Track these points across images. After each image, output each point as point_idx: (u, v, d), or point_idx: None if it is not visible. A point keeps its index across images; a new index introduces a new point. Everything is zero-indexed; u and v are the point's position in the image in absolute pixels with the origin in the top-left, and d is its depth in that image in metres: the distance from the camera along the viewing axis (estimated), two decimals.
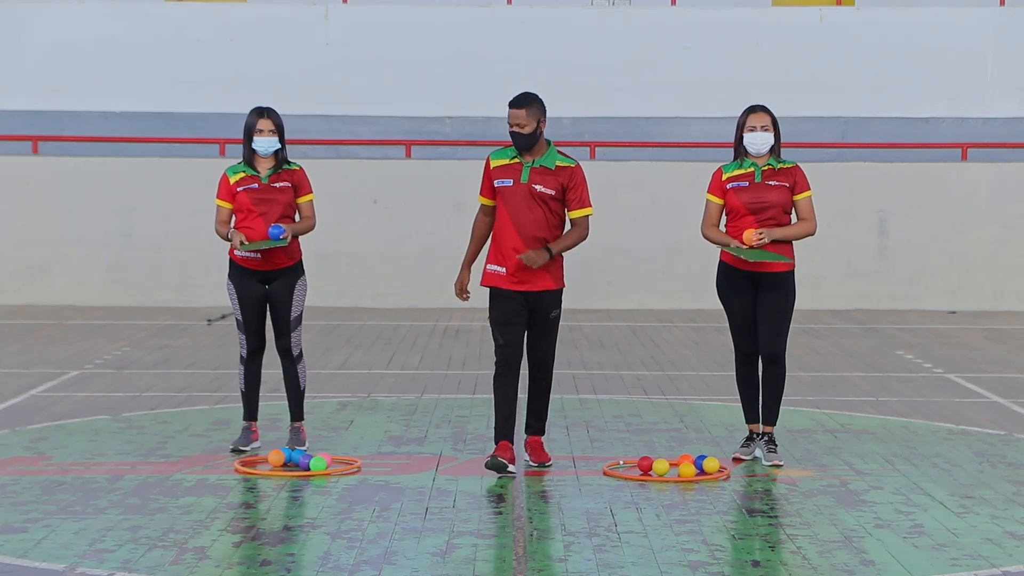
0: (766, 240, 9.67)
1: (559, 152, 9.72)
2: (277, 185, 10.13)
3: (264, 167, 10.16)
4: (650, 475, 9.48)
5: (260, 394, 10.46)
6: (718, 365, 14.92)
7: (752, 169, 9.87)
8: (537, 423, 9.90)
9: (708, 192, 9.98)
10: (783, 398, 10.05)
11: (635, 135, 22.67)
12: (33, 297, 20.43)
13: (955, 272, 20.66)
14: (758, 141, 9.85)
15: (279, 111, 10.21)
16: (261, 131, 10.12)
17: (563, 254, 9.68)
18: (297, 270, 10.24)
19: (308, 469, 9.53)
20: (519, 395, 9.70)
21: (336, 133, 22.53)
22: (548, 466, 9.84)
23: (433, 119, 23.04)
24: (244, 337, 10.22)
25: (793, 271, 9.91)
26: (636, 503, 8.79)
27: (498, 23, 23.60)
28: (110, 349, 15.86)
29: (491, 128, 22.31)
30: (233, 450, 10.20)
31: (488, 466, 9.54)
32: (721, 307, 10.16)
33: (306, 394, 11.07)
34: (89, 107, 22.78)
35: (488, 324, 10.01)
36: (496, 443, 9.63)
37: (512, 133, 9.61)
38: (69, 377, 13.85)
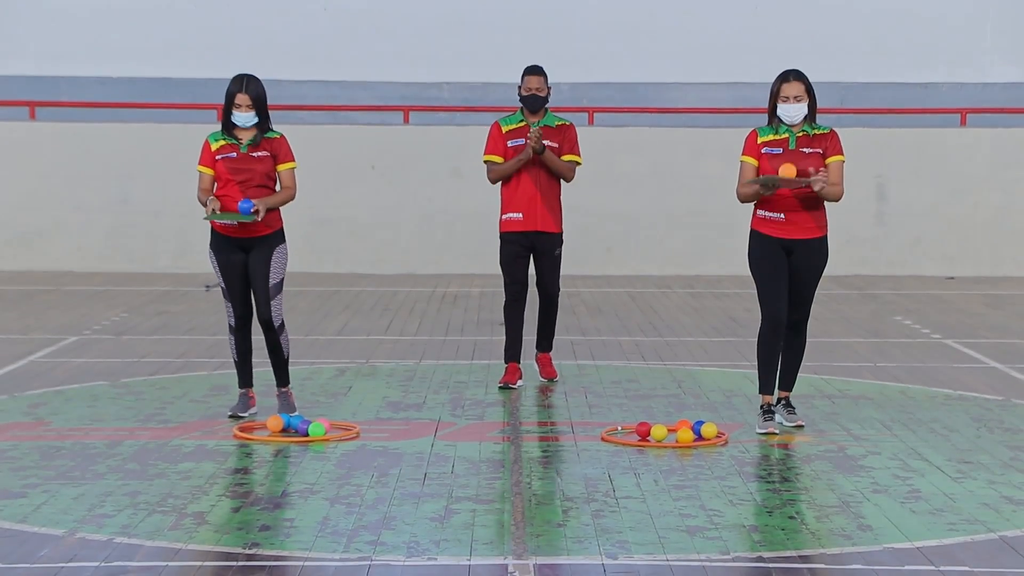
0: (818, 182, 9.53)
1: (555, 115, 11.63)
2: (255, 155, 10.00)
3: (245, 135, 10.05)
4: (648, 441, 9.49)
5: (256, 361, 10.45)
6: (716, 331, 14.94)
7: (787, 135, 9.72)
8: (546, 342, 11.80)
9: (743, 154, 9.77)
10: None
11: (633, 101, 22.64)
12: (32, 263, 20.42)
13: (953, 238, 20.66)
14: (791, 112, 9.67)
15: (278, 76, 10.27)
16: (239, 106, 9.98)
17: (563, 211, 11.58)
18: (275, 238, 10.12)
19: (307, 435, 9.55)
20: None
21: (334, 98, 22.49)
22: (554, 381, 11.66)
23: (431, 85, 23.00)
24: (230, 305, 10.15)
25: (826, 236, 9.89)
26: (634, 469, 8.81)
27: None
28: (109, 315, 15.87)
29: (489, 94, 22.28)
30: (231, 416, 10.21)
31: (499, 388, 11.45)
32: (717, 273, 10.20)
33: (305, 360, 11.08)
34: (87, 73, 22.74)
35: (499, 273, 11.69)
36: (506, 363, 11.55)
37: (530, 96, 11.44)
38: (68, 343, 13.86)
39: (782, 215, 9.68)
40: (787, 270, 9.75)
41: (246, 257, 10.08)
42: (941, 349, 13.84)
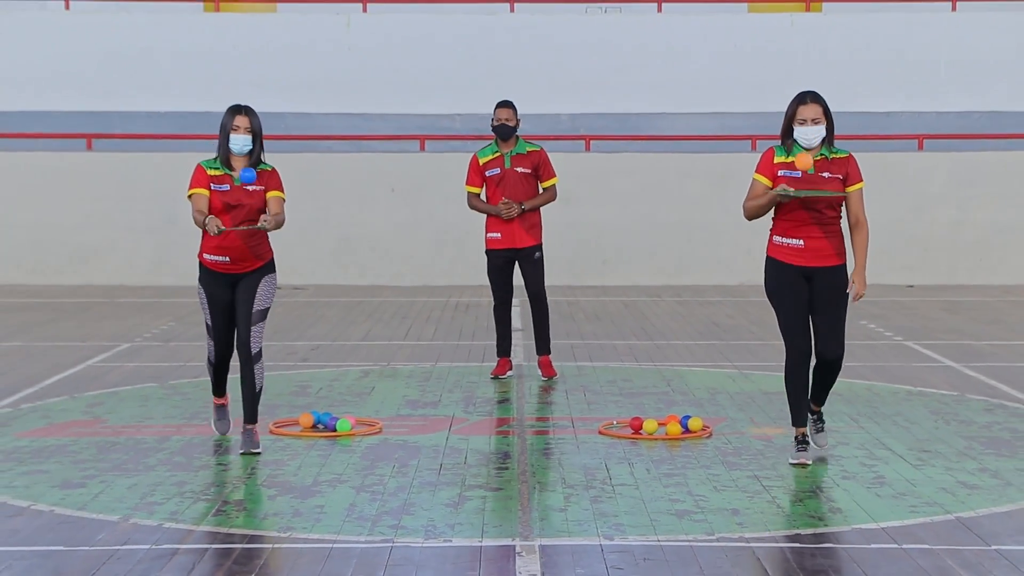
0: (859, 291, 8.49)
1: (526, 142, 11.76)
2: (249, 188, 8.91)
3: (239, 167, 8.99)
4: (641, 434, 9.49)
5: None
6: (701, 335, 14.93)
7: None
8: (544, 345, 11.79)
9: (757, 171, 8.46)
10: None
11: (626, 129, 22.65)
12: (88, 278, 20.45)
13: (913, 250, 20.64)
14: (809, 135, 8.39)
15: (306, 109, 10.19)
16: (237, 128, 8.99)
17: (543, 223, 11.77)
18: (266, 269, 9.00)
19: (335, 430, 9.55)
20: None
21: (357, 129, 22.51)
22: (555, 379, 11.65)
23: (444, 116, 23.01)
24: (212, 343, 9.09)
25: (845, 264, 8.58)
26: (628, 459, 8.81)
27: (502, 29, 23.56)
28: (157, 324, 15.88)
29: None
30: (222, 434, 9.35)
31: (491, 379, 11.78)
32: (702, 283, 10.05)
33: (332, 363, 11.03)
34: (137, 108, 22.78)
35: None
36: (498, 357, 11.86)
37: (501, 126, 11.59)
38: (121, 349, 13.87)
39: (800, 242, 8.45)
40: (807, 298, 8.49)
41: (233, 294, 8.98)
42: (902, 350, 13.83)
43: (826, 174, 8.45)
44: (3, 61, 23.10)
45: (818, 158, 8.45)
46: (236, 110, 9.07)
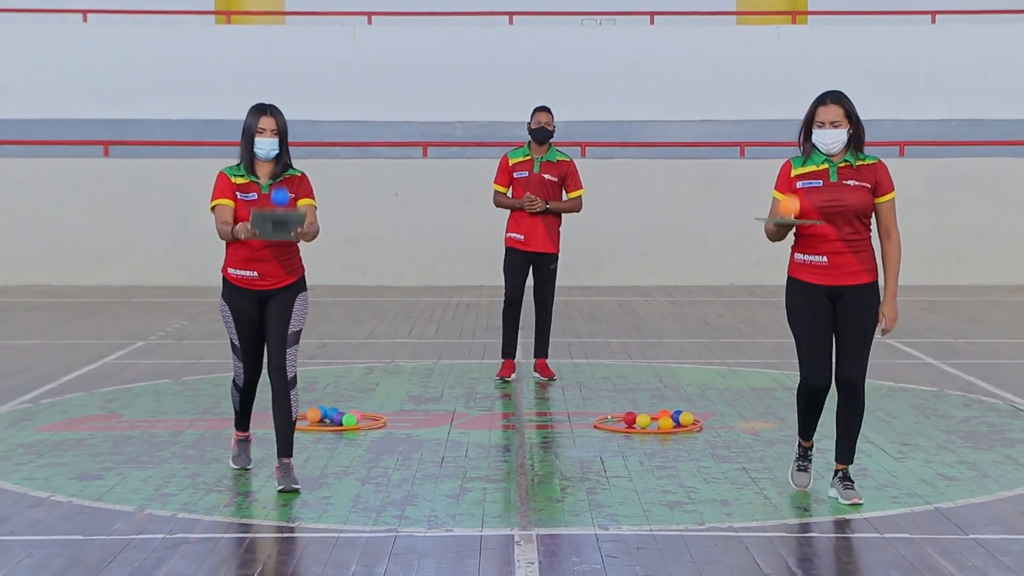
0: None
1: (557, 150, 11.50)
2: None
3: (264, 173, 7.77)
4: (634, 428, 9.50)
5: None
6: (692, 333, 14.93)
7: (826, 166, 7.32)
8: (543, 348, 11.60)
9: (775, 188, 7.39)
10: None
11: (620, 136, 22.67)
12: (104, 279, 20.45)
13: None
14: (828, 140, 7.29)
15: (313, 118, 10.07)
16: (263, 131, 7.68)
17: (561, 234, 11.50)
18: (299, 286, 7.85)
19: (341, 424, 9.55)
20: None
21: (362, 136, 22.53)
22: (553, 380, 11.49)
23: (446, 123, 23.03)
24: (240, 365, 8.07)
25: (877, 281, 7.37)
26: (622, 452, 8.81)
27: (501, 40, 23.58)
28: (171, 323, 15.88)
29: (496, 131, 22.30)
30: (240, 468, 8.34)
31: (496, 381, 11.49)
32: (692, 284, 10.00)
33: (338, 360, 10.99)
34: (152, 115, 22.80)
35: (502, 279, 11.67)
36: (503, 358, 11.61)
37: (540, 129, 11.38)
38: (136, 347, 13.87)
39: (824, 259, 7.27)
40: (831, 325, 7.33)
41: (263, 312, 7.86)
42: (884, 347, 13.83)
43: (851, 182, 7.26)
44: (23, 71, 23.13)
45: (842, 164, 7.30)
46: (260, 111, 7.73)
